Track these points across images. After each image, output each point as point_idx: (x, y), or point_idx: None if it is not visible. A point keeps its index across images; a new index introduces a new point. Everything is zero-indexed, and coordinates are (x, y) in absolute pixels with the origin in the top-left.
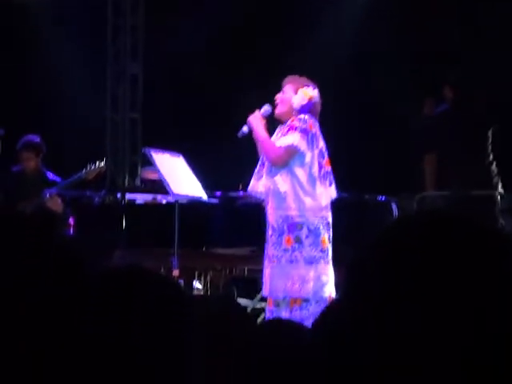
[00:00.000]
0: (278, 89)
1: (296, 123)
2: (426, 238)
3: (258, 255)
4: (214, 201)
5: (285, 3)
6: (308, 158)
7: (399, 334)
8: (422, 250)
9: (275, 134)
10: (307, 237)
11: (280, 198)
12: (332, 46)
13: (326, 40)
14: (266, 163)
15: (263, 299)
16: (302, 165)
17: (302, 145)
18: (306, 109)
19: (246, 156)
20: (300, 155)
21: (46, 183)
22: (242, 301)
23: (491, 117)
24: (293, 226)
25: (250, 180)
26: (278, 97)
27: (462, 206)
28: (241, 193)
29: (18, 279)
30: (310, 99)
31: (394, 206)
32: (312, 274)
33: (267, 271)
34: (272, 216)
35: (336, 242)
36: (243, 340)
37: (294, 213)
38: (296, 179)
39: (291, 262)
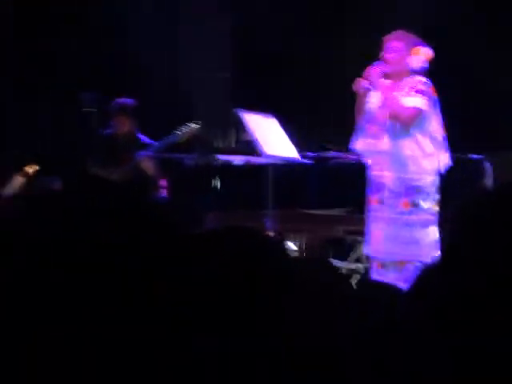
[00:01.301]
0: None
1: (421, 86)
2: None
3: (353, 216)
4: (308, 161)
5: None
6: (431, 123)
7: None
8: None
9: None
10: (425, 200)
11: (401, 161)
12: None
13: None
14: (390, 123)
15: (358, 260)
16: (425, 129)
17: (428, 110)
18: (423, 70)
19: (339, 116)
20: (424, 119)
21: (139, 146)
22: (336, 262)
23: None
24: (411, 189)
25: (342, 138)
26: (389, 55)
27: None
28: (333, 153)
29: (111, 245)
30: (429, 60)
31: (487, 165)
32: (427, 237)
33: (381, 233)
34: (389, 178)
35: None
36: (336, 302)
37: (413, 176)
38: (417, 143)
39: (407, 225)
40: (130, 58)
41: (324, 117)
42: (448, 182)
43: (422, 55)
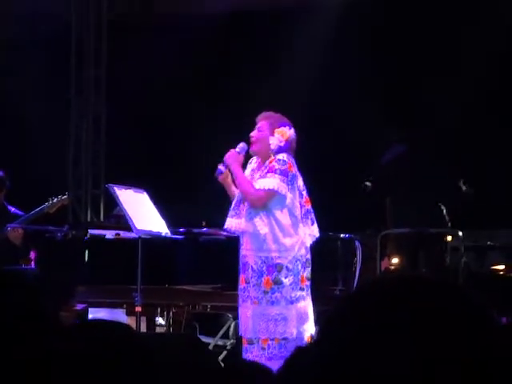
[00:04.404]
0: (246, 126)
1: (275, 165)
2: (393, 301)
3: (222, 292)
4: (178, 237)
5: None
6: (289, 200)
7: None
8: (391, 310)
9: (249, 169)
10: (286, 277)
11: (260, 240)
12: (298, 80)
13: (293, 74)
14: (246, 204)
15: (225, 336)
16: (282, 207)
17: (283, 188)
18: (283, 149)
19: (209, 192)
20: (280, 198)
21: (8, 217)
22: (204, 338)
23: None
24: (272, 268)
25: (215, 216)
26: (254, 134)
27: (424, 242)
28: (204, 229)
29: None
30: (287, 140)
31: (357, 244)
32: (294, 312)
33: (248, 312)
34: (251, 258)
35: None
36: (202, 379)
37: (273, 254)
38: (276, 221)
39: (272, 303)
40: (7, 129)
41: (198, 193)
42: (319, 259)
43: (281, 135)
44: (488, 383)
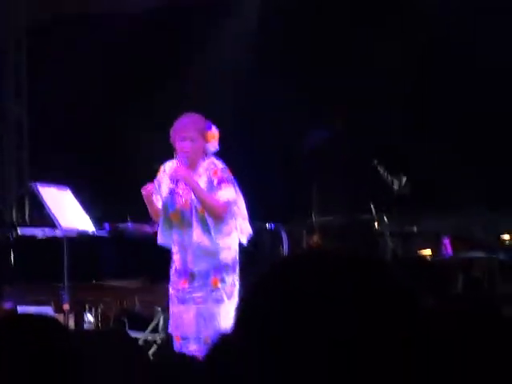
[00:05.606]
0: (170, 122)
1: (221, 174)
2: (313, 279)
3: (149, 286)
4: (103, 233)
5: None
6: (239, 203)
7: (288, 367)
8: (309, 288)
9: (165, 177)
10: (228, 275)
11: (212, 249)
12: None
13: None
14: (198, 215)
15: (154, 331)
16: (236, 212)
17: (236, 195)
18: (216, 151)
19: (133, 188)
20: (235, 204)
21: None
22: (133, 333)
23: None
24: (219, 268)
25: (140, 211)
26: (188, 147)
27: (351, 229)
28: (129, 224)
29: None
30: (217, 140)
31: (283, 233)
32: (233, 308)
33: (191, 313)
34: (194, 263)
35: None
36: (136, 374)
37: (222, 256)
38: (228, 226)
39: (217, 301)
40: None
41: (122, 187)
42: (247, 250)
43: (214, 139)
44: (422, 358)
